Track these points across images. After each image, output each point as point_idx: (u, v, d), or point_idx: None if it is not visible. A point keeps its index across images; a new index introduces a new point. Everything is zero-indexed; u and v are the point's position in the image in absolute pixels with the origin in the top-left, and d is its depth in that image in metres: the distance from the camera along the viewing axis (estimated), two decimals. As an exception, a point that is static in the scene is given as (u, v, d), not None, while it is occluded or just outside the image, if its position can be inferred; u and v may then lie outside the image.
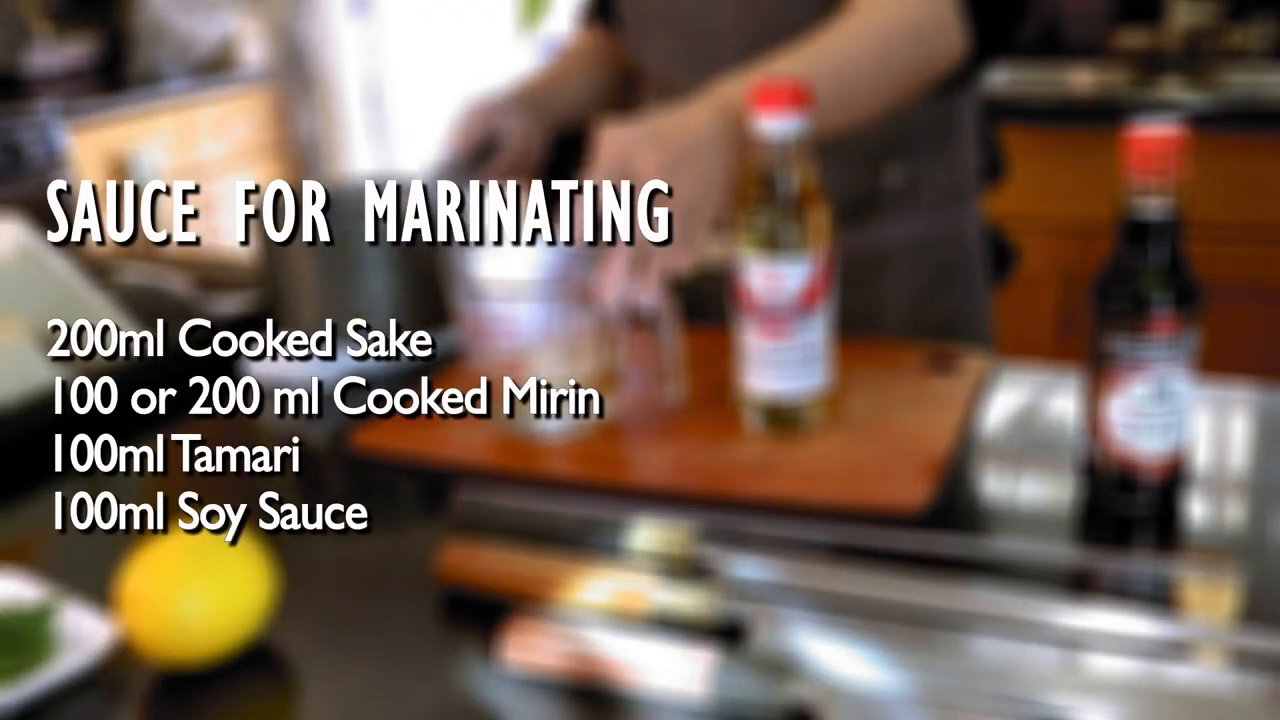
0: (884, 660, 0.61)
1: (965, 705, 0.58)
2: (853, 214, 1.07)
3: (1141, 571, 0.71)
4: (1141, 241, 0.72)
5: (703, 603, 0.65)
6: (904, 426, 0.86)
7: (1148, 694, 0.58)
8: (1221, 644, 0.63)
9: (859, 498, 0.78)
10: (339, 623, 0.69)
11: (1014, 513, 0.80)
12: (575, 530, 0.73)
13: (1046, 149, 2.38)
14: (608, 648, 0.61)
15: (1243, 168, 2.27)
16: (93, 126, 3.15)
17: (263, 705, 0.64)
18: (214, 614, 0.64)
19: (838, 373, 0.89)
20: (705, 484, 0.81)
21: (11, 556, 0.76)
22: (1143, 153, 0.71)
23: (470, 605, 0.69)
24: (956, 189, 1.12)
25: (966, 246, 1.15)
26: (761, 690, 0.58)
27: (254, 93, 3.66)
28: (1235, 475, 0.82)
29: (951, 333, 1.11)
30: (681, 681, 0.59)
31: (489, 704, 0.61)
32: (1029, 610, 0.65)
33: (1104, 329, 0.74)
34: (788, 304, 0.82)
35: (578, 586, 0.67)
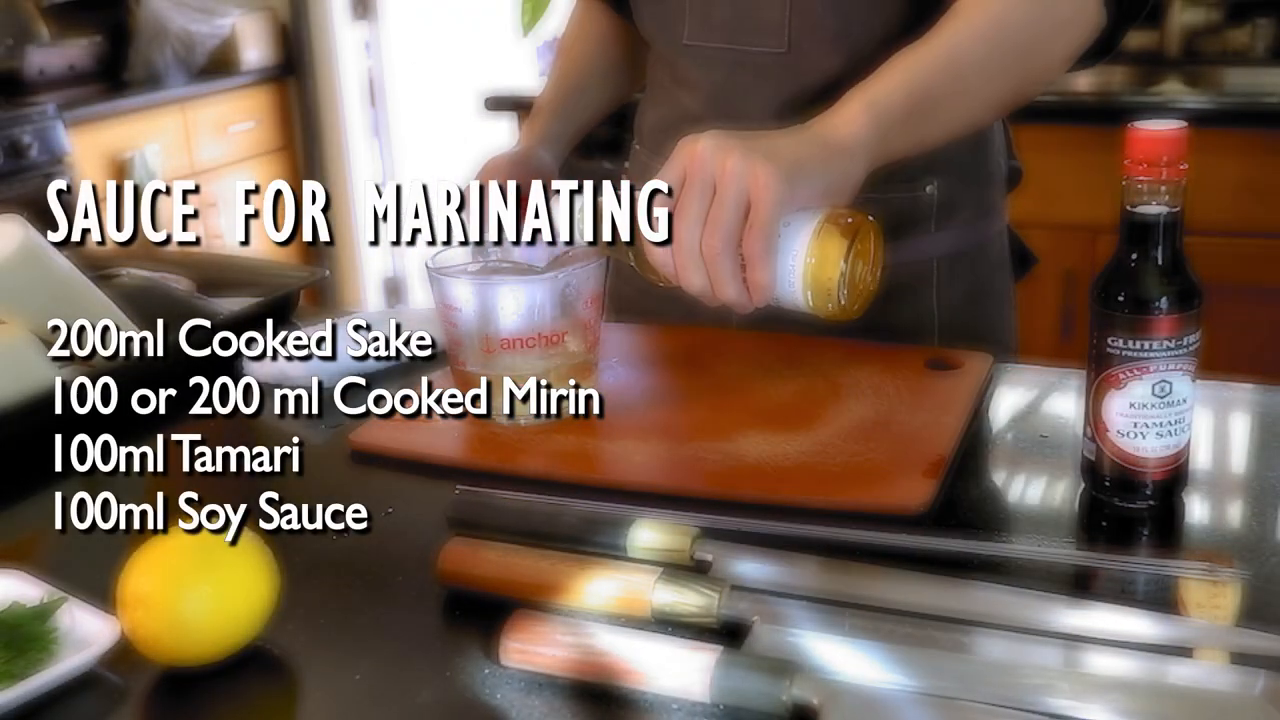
0: (884, 660, 0.61)
1: (965, 705, 0.58)
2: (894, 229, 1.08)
3: (1141, 571, 0.71)
4: (1142, 241, 0.72)
5: (703, 603, 0.65)
6: (905, 427, 0.86)
7: (1148, 694, 0.58)
8: (1221, 644, 0.63)
9: (860, 498, 0.78)
10: (339, 623, 0.69)
11: (1015, 513, 0.80)
12: (575, 530, 0.73)
13: (1047, 149, 2.38)
14: (608, 647, 0.61)
15: (1243, 168, 2.27)
16: (93, 126, 3.15)
17: (263, 705, 0.64)
18: (214, 614, 0.64)
19: (840, 373, 0.89)
20: (705, 484, 0.81)
21: (11, 556, 0.76)
22: (1143, 153, 0.71)
23: (470, 605, 0.69)
24: (988, 200, 1.13)
25: (996, 256, 1.16)
26: (761, 690, 0.58)
27: (254, 93, 3.66)
28: (1235, 475, 0.82)
29: (983, 342, 1.11)
30: (682, 681, 0.59)
31: (489, 704, 0.61)
32: (1030, 610, 0.65)
33: (1104, 329, 0.74)
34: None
35: (578, 586, 0.67)
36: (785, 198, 0.77)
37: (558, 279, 0.88)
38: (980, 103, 0.93)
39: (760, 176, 0.77)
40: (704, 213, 0.78)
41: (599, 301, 0.92)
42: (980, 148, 1.12)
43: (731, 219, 0.77)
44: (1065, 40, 0.94)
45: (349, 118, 3.82)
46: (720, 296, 0.80)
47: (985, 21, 0.90)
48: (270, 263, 1.44)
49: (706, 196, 0.78)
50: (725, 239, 0.77)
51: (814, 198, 0.80)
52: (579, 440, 0.87)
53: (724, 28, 1.05)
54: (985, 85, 0.92)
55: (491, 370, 0.89)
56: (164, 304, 1.10)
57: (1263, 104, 2.33)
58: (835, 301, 0.80)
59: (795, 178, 0.78)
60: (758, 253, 0.77)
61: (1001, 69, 0.92)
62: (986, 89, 0.92)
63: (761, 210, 0.77)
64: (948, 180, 1.09)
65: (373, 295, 3.99)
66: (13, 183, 2.91)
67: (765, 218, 0.77)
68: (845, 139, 0.83)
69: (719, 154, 0.78)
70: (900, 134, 0.87)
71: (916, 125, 0.88)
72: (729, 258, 0.78)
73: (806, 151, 0.81)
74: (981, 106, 0.94)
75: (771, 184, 0.76)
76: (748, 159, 0.77)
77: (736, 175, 0.77)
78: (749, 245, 0.77)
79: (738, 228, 0.77)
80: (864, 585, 0.68)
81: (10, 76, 3.27)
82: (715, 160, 0.78)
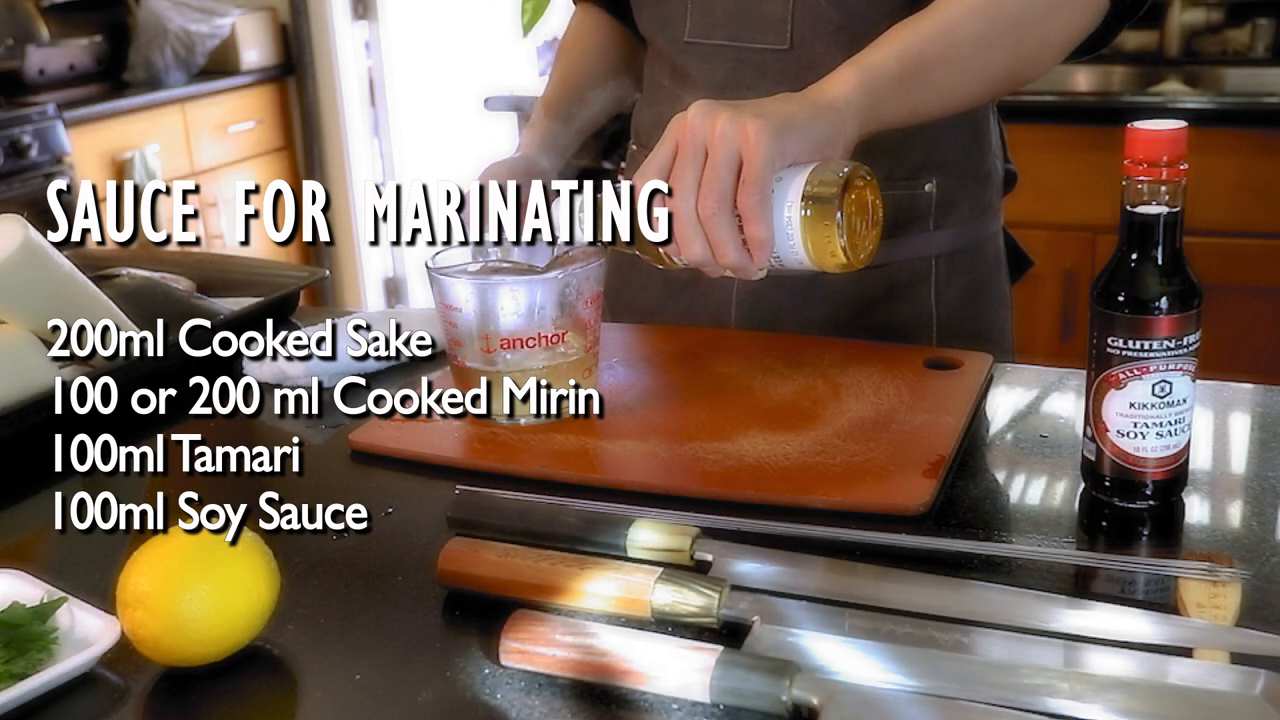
0: (884, 660, 0.61)
1: (965, 705, 0.58)
2: (894, 226, 1.08)
3: (1141, 571, 0.71)
4: (1142, 241, 0.72)
5: (703, 603, 0.65)
6: (905, 426, 0.86)
7: (1148, 694, 0.58)
8: (1221, 644, 0.63)
9: (859, 498, 0.78)
10: (339, 623, 0.69)
11: (1015, 513, 0.80)
12: (575, 530, 0.73)
13: (1047, 149, 2.38)
14: (608, 647, 0.61)
15: (1243, 168, 2.27)
16: (93, 126, 3.15)
17: (263, 705, 0.64)
18: (214, 614, 0.64)
19: (839, 373, 0.89)
20: (705, 484, 0.81)
21: (11, 556, 0.76)
22: (1143, 153, 0.71)
23: (470, 605, 0.69)
24: (985, 200, 1.14)
25: (993, 256, 1.16)
26: (761, 690, 0.58)
27: (254, 93, 3.66)
28: (1235, 475, 0.82)
29: (981, 342, 1.11)
30: (682, 681, 0.59)
31: (489, 704, 0.61)
32: (1030, 610, 0.65)
33: (1104, 329, 0.74)
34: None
35: (578, 586, 0.67)
36: (775, 151, 0.78)
37: (558, 279, 0.89)
38: (974, 75, 0.93)
39: (750, 133, 0.77)
40: (698, 178, 0.78)
41: (599, 301, 0.92)
42: (978, 147, 1.12)
43: (725, 178, 0.78)
44: (1061, 19, 0.94)
45: (349, 118, 3.81)
46: (722, 262, 0.80)
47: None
48: (270, 263, 1.44)
49: (699, 162, 0.78)
50: (720, 198, 0.78)
51: (805, 152, 0.80)
52: (579, 440, 0.87)
53: (726, 24, 1.06)
54: (978, 56, 0.92)
55: (491, 370, 0.89)
56: (164, 304, 1.10)
57: (1263, 104, 2.33)
58: (836, 250, 0.79)
59: (784, 132, 0.78)
60: (752, 206, 0.78)
61: (995, 40, 0.92)
62: (980, 60, 0.92)
63: (753, 164, 0.77)
64: (947, 178, 1.09)
65: (373, 295, 3.99)
66: (13, 183, 2.91)
67: (757, 171, 0.77)
68: (835, 98, 0.84)
69: (708, 119, 0.79)
70: (892, 99, 0.87)
71: (909, 91, 0.88)
72: (725, 216, 0.78)
73: (795, 108, 0.82)
74: (975, 79, 0.94)
75: (762, 138, 0.77)
76: (736, 119, 0.78)
77: (726, 136, 0.77)
78: (743, 200, 0.78)
79: (731, 186, 0.78)
80: (864, 585, 0.68)
81: (10, 76, 3.27)
82: (705, 126, 0.78)
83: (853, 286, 1.09)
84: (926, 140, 1.07)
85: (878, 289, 1.09)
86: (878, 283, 1.09)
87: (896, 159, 1.06)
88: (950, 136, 1.09)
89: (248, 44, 3.63)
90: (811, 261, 0.80)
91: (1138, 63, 2.64)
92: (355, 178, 3.82)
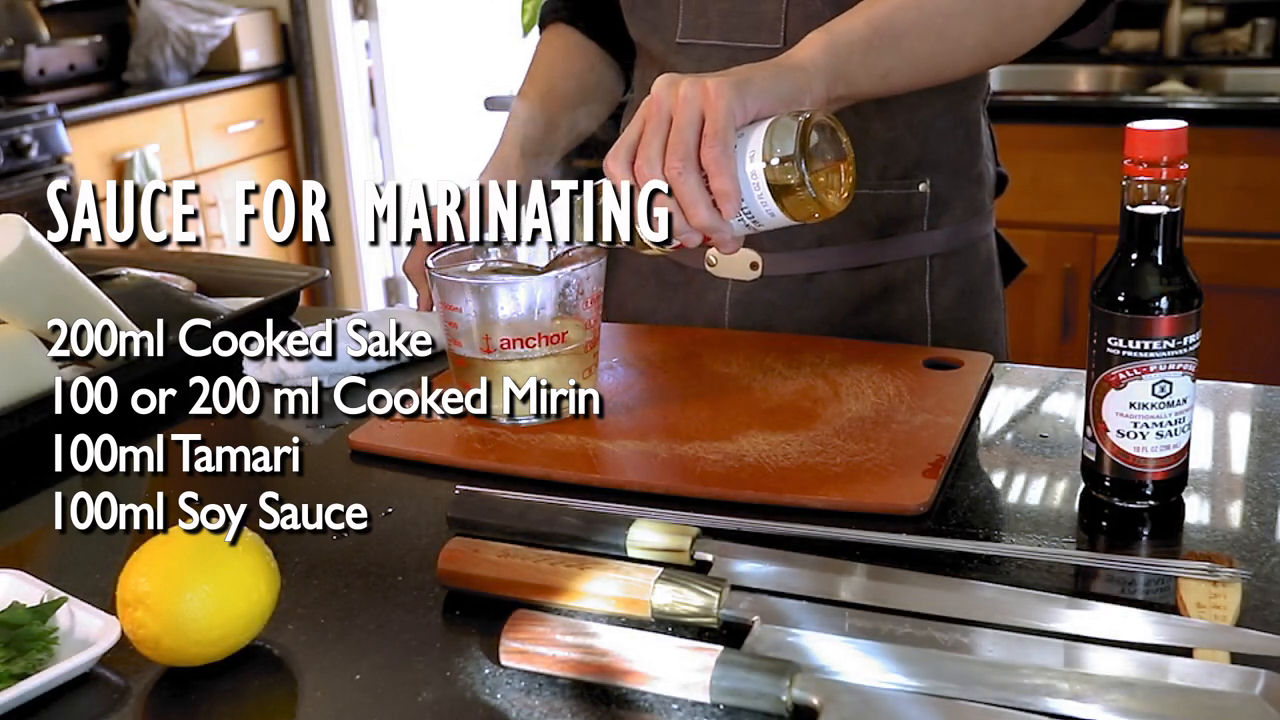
0: (884, 660, 0.61)
1: (965, 705, 0.58)
2: (888, 225, 1.08)
3: (1141, 571, 0.71)
4: (1142, 241, 0.72)
5: (703, 603, 0.65)
6: (904, 426, 0.86)
7: (1148, 694, 0.58)
8: (1221, 644, 0.63)
9: (859, 497, 0.78)
10: (339, 623, 0.69)
11: (1015, 513, 0.80)
12: (575, 530, 0.73)
13: (1047, 149, 2.38)
14: (608, 647, 0.61)
15: (1243, 168, 2.27)
16: (93, 126, 3.15)
17: (263, 705, 0.64)
18: (214, 614, 0.64)
19: (839, 373, 0.89)
20: (705, 484, 0.81)
21: (11, 556, 0.76)
22: (1143, 152, 0.71)
23: (470, 605, 0.69)
24: (978, 201, 1.14)
25: (986, 257, 1.16)
26: (761, 690, 0.58)
27: (254, 93, 3.66)
28: (1235, 475, 0.82)
29: (975, 343, 1.11)
30: (682, 681, 0.59)
31: (489, 704, 0.61)
32: (1030, 610, 0.65)
33: (1104, 329, 0.74)
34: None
35: (577, 586, 0.67)
36: (736, 106, 0.78)
37: (558, 279, 0.89)
38: (948, 43, 0.92)
39: (710, 91, 0.78)
40: (663, 145, 0.79)
41: (599, 301, 0.92)
42: (971, 148, 1.13)
43: (689, 139, 0.78)
44: None
45: (349, 117, 3.81)
46: (693, 223, 0.80)
47: None
48: (270, 263, 1.44)
49: (663, 130, 0.79)
50: (684, 157, 0.78)
51: (768, 108, 0.80)
52: (578, 440, 0.87)
53: (719, 24, 1.05)
54: (952, 24, 0.91)
55: (491, 370, 0.89)
56: (164, 304, 1.10)
57: (1263, 104, 2.33)
58: (805, 196, 0.79)
59: (744, 87, 0.79)
60: (714, 158, 0.78)
61: (969, 8, 0.91)
62: (954, 28, 0.91)
63: (713, 118, 0.78)
64: (940, 179, 1.09)
65: (373, 295, 3.99)
66: (13, 183, 2.91)
67: (717, 125, 0.78)
68: (800, 59, 0.84)
69: (670, 89, 0.80)
70: (861, 63, 0.87)
71: (879, 56, 0.88)
72: (691, 175, 0.78)
73: (759, 70, 0.82)
74: (949, 47, 0.93)
75: (722, 92, 0.78)
76: (696, 82, 0.79)
77: (688, 98, 0.78)
78: (705, 154, 0.78)
79: (695, 145, 0.78)
80: (864, 585, 0.68)
81: (10, 76, 3.27)
82: (669, 95, 0.80)
83: (848, 287, 1.09)
84: (920, 140, 1.07)
85: (873, 289, 1.09)
86: (873, 283, 1.09)
87: (890, 158, 1.06)
88: (943, 136, 1.09)
89: (248, 44, 3.63)
90: (785, 213, 0.80)
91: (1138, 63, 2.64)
92: (355, 178, 3.82)
